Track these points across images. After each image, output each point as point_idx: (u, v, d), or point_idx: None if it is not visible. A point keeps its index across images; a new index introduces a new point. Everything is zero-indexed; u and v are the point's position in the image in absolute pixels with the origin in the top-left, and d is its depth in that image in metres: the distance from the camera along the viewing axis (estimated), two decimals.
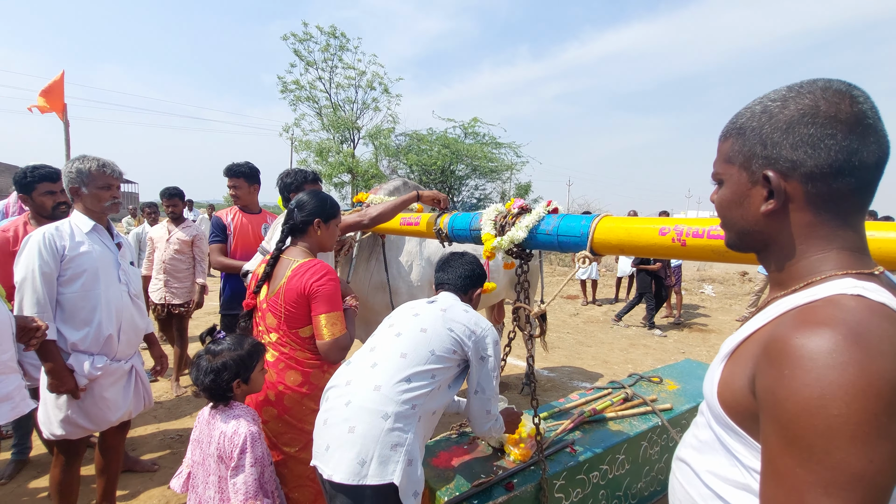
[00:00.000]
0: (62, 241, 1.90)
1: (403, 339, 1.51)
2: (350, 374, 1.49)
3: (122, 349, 2.04)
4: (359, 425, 1.33)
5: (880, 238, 1.04)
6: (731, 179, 0.73)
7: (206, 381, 1.55)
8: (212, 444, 1.53)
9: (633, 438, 2.26)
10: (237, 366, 1.57)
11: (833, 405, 0.51)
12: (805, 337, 0.56)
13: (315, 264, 1.75)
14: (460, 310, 1.60)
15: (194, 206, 11.48)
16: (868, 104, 0.63)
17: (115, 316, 2.00)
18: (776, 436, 0.57)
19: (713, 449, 0.72)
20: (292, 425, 1.74)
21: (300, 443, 1.75)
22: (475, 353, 1.54)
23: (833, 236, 0.66)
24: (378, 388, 1.39)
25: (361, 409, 1.36)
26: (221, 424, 1.53)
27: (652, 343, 6.06)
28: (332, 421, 1.38)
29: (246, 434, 1.50)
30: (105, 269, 1.99)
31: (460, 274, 1.76)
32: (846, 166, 0.62)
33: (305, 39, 17.12)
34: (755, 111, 0.69)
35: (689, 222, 1.30)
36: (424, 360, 1.46)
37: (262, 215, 3.15)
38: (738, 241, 0.77)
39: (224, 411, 1.57)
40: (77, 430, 1.96)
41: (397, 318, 1.62)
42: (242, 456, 1.48)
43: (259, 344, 1.68)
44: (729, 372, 0.69)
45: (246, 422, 1.54)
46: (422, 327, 1.52)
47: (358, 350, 1.63)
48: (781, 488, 0.55)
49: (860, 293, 0.58)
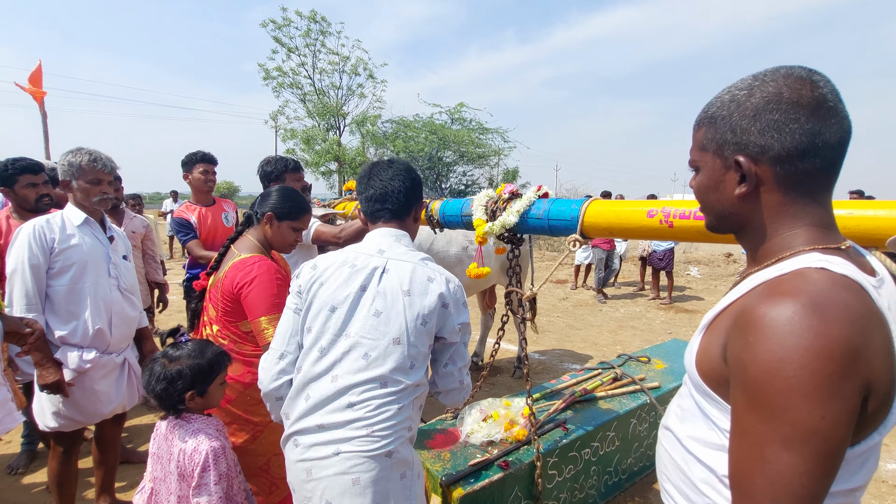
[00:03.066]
0: (52, 234, 1.90)
1: (375, 360, 1.19)
2: (318, 410, 1.20)
3: (115, 342, 2.03)
4: (363, 475, 1.15)
5: (851, 216, 1.08)
6: (706, 166, 0.77)
7: (157, 389, 1.40)
8: (171, 462, 1.41)
9: (622, 416, 2.33)
10: (194, 376, 1.42)
11: (790, 367, 0.57)
12: (769, 307, 0.61)
13: (251, 263, 1.64)
14: (421, 278, 1.24)
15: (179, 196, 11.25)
16: (828, 88, 0.67)
17: (105, 309, 1.99)
18: (742, 397, 0.62)
19: (693, 416, 0.76)
20: (236, 415, 1.68)
21: (246, 434, 1.68)
22: (451, 326, 1.27)
23: (802, 214, 0.70)
24: (371, 431, 1.16)
25: (361, 458, 1.15)
26: (179, 442, 1.40)
27: (640, 325, 6.17)
28: (322, 474, 1.17)
29: (207, 451, 1.36)
30: (94, 262, 1.97)
31: (394, 190, 1.34)
32: (810, 147, 0.66)
33: (285, 25, 16.76)
34: (724, 100, 0.73)
35: (676, 204, 1.33)
36: (406, 377, 1.21)
37: (218, 205, 3.12)
38: (716, 223, 0.81)
39: (182, 426, 1.43)
40: (70, 422, 1.96)
41: (352, 324, 1.23)
42: (205, 474, 1.36)
43: (224, 354, 1.54)
44: (706, 342, 0.73)
45: (207, 437, 1.40)
46: (393, 337, 1.20)
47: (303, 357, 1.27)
48: (745, 443, 0.61)
49: (824, 266, 0.63)
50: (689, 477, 0.75)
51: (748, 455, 0.60)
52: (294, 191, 1.87)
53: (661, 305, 7.16)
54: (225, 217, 3.08)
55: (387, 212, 1.35)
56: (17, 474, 2.66)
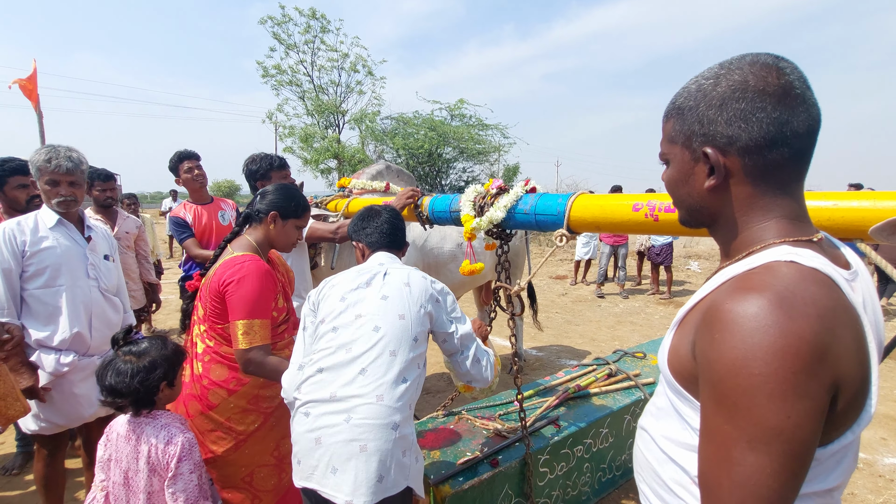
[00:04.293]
0: (23, 237, 1.84)
1: (385, 332, 1.34)
2: (331, 383, 1.30)
3: (95, 345, 1.99)
4: (370, 443, 1.22)
5: (834, 207, 1.06)
6: (675, 159, 0.75)
7: (133, 384, 1.39)
8: (140, 460, 1.40)
9: (616, 412, 2.32)
10: (167, 365, 1.45)
11: (754, 365, 0.55)
12: (735, 303, 0.59)
13: (241, 262, 1.61)
14: (417, 277, 1.47)
15: (178, 196, 11.24)
16: (795, 74, 0.65)
17: (84, 312, 1.94)
18: (709, 396, 0.60)
19: (668, 415, 0.74)
20: (219, 423, 1.62)
21: (228, 443, 1.62)
22: (447, 318, 1.47)
23: (772, 206, 0.68)
24: (381, 399, 1.26)
25: (369, 426, 1.23)
26: (150, 438, 1.40)
27: (639, 320, 6.15)
28: (331, 441, 1.24)
29: (182, 441, 1.40)
30: (70, 264, 1.93)
31: (387, 230, 1.60)
32: (778, 137, 0.64)
33: (284, 22, 16.68)
34: (691, 90, 0.71)
35: (661, 197, 1.31)
36: (410, 351, 1.34)
37: (215, 203, 3.11)
38: (688, 217, 0.79)
39: (149, 423, 1.43)
40: (50, 425, 1.93)
41: (362, 305, 1.40)
42: (181, 464, 1.38)
43: (180, 346, 1.55)
44: (677, 339, 0.72)
45: (178, 429, 1.43)
46: (399, 313, 1.37)
47: (317, 344, 1.41)
48: (712, 444, 0.59)
49: (793, 259, 0.61)
50: (662, 477, 0.73)
51: (715, 455, 0.58)
52: (295, 188, 1.85)
53: (660, 301, 7.13)
54: (221, 216, 3.06)
55: (393, 243, 1.61)
56: (12, 475, 2.66)
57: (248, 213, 1.77)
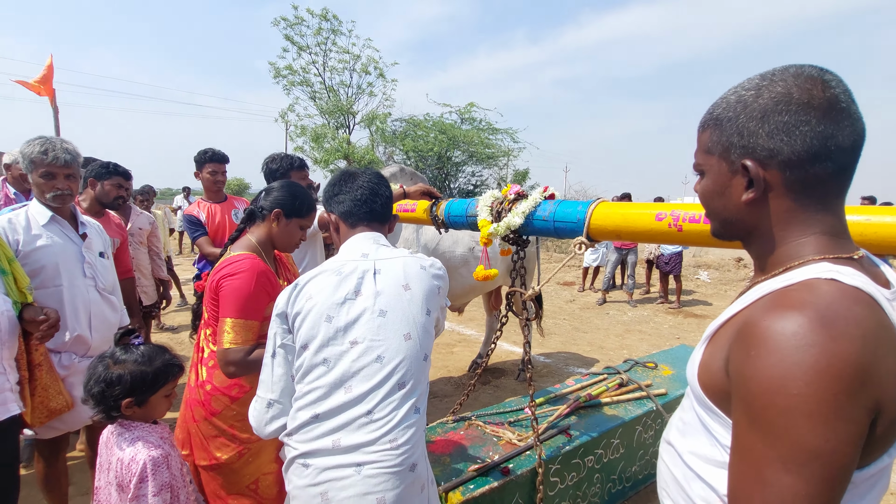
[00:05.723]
0: (15, 236, 1.75)
1: (389, 361, 1.13)
2: (333, 431, 1.10)
3: (96, 345, 1.94)
4: (388, 493, 1.08)
5: (868, 223, 1.03)
6: (711, 170, 0.74)
7: (93, 390, 1.32)
8: (110, 472, 1.32)
9: (627, 423, 2.29)
10: (134, 384, 1.33)
11: (793, 385, 0.53)
12: (773, 320, 0.57)
13: (238, 260, 1.53)
14: (414, 271, 1.23)
15: (191, 193, 11.32)
16: (840, 88, 0.63)
17: (83, 312, 1.88)
18: (743, 414, 0.59)
19: (695, 430, 0.73)
20: (222, 429, 1.58)
21: (232, 450, 1.58)
22: (439, 304, 1.29)
23: (812, 221, 0.66)
24: (394, 442, 1.09)
25: (386, 475, 1.08)
26: (118, 450, 1.32)
27: (647, 329, 6.10)
28: (341, 496, 1.07)
29: (144, 461, 1.27)
30: (67, 263, 1.84)
31: (365, 197, 1.31)
32: (822, 151, 0.62)
33: (297, 23, 16.81)
34: (730, 101, 0.69)
35: (685, 207, 1.29)
36: (421, 373, 1.18)
37: (228, 202, 3.12)
38: (722, 230, 0.77)
39: (122, 434, 1.35)
40: (49, 430, 1.87)
41: (356, 327, 1.15)
42: (142, 485, 1.27)
43: (173, 367, 1.44)
44: (708, 354, 0.70)
45: (146, 445, 1.31)
46: (404, 333, 1.15)
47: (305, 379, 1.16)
48: (745, 463, 0.58)
49: (834, 277, 0.59)
50: (689, 494, 0.72)
51: (747, 475, 0.57)
52: (300, 186, 1.77)
53: (669, 310, 7.07)
54: (234, 214, 3.08)
55: (374, 214, 1.32)
56: (21, 467, 2.67)
57: (251, 210, 1.70)
